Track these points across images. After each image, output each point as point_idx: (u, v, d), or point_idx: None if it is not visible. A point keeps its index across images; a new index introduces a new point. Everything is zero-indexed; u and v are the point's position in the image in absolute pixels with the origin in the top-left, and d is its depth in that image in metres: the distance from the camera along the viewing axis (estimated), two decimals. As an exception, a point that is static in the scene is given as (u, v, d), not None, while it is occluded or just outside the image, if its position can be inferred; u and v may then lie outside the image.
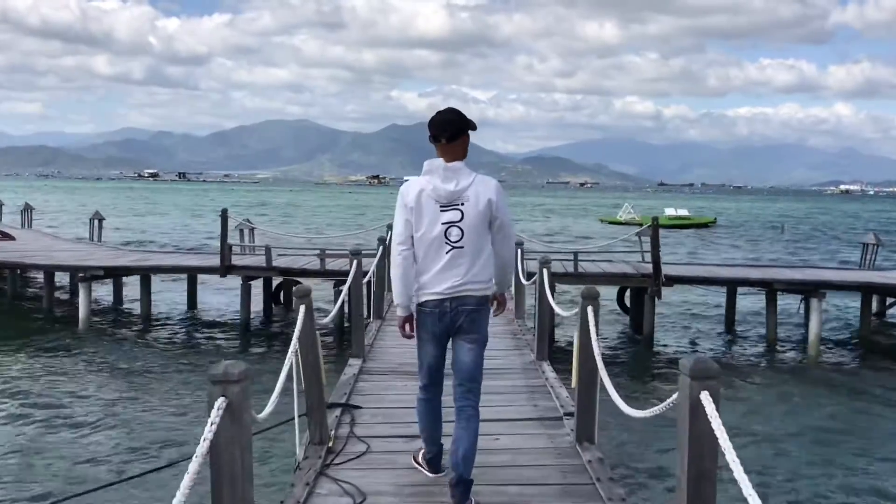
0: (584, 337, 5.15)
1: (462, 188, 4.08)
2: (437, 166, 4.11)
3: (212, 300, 19.73)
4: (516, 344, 9.04)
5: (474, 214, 4.08)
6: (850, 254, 39.11)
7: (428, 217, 4.08)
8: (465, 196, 4.07)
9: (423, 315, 4.21)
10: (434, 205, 4.08)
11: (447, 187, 4.07)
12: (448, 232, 4.07)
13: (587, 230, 53.62)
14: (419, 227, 4.10)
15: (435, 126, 4.14)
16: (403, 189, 4.19)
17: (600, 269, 15.88)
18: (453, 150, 4.12)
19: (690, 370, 2.85)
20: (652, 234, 15.09)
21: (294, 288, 5.32)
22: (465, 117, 4.20)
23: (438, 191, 4.07)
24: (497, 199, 4.13)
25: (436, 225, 4.08)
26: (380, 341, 9.05)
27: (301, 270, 15.85)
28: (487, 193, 4.11)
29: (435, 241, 4.08)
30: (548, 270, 7.84)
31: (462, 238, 4.08)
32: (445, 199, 4.07)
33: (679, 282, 15.59)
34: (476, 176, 4.15)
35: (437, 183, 4.08)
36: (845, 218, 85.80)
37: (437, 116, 4.19)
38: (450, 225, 4.07)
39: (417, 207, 4.08)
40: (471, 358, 4.24)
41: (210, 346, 14.91)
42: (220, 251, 15.70)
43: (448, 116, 4.16)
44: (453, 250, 4.09)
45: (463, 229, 4.08)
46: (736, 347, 15.99)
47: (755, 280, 15.69)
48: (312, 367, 5.39)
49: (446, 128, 4.11)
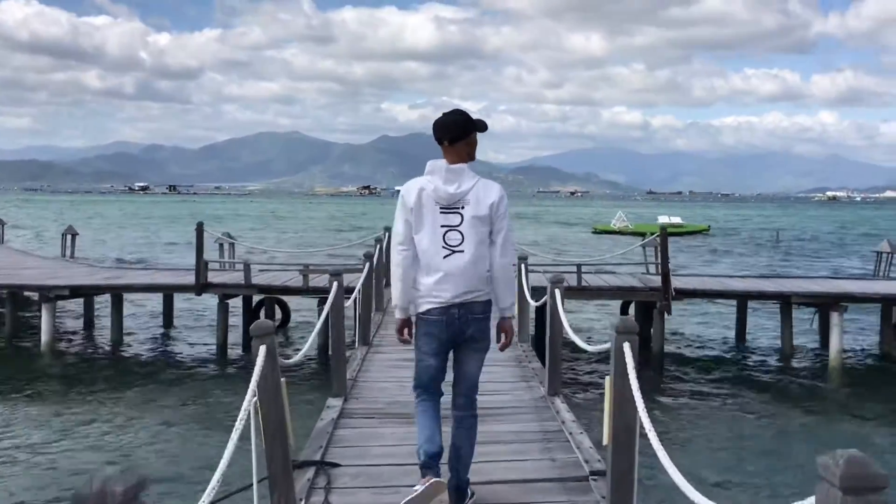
0: (622, 383, 4.03)
1: (463, 191, 3.96)
2: (439, 167, 4.00)
3: (189, 319, 18.54)
4: (523, 374, 7.88)
5: (475, 219, 3.96)
6: (849, 261, 38.20)
7: (428, 219, 3.97)
8: (466, 199, 3.96)
9: (428, 324, 4.04)
10: (434, 206, 3.97)
11: (448, 189, 3.95)
12: (447, 236, 3.96)
13: (582, 239, 52.56)
14: (419, 228, 3.99)
15: (438, 128, 4.05)
16: (405, 188, 4.07)
17: (605, 283, 14.76)
18: (457, 152, 4.02)
19: (840, 479, 1.82)
20: (661, 245, 14.00)
21: (252, 326, 4.19)
22: (469, 118, 4.07)
23: (439, 192, 3.95)
24: (499, 204, 4.01)
25: (435, 227, 3.97)
26: (366, 373, 7.88)
27: (283, 288, 14.69)
28: (490, 198, 3.99)
29: (433, 244, 3.97)
30: (561, 291, 6.71)
31: (462, 242, 3.96)
32: (446, 201, 3.95)
33: (690, 295, 14.49)
34: (479, 180, 4.03)
35: (438, 184, 3.96)
36: (838, 225, 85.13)
37: (440, 118, 4.10)
38: (449, 228, 3.96)
39: (417, 208, 3.97)
40: (476, 366, 4.19)
41: (182, 372, 13.70)
42: (196, 268, 14.51)
43: (451, 118, 4.06)
44: (452, 255, 3.96)
45: (463, 233, 3.96)
46: (750, 365, 14.85)
47: (771, 293, 14.58)
48: (275, 424, 4.24)
49: (448, 129, 4.01)
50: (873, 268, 19.40)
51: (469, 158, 4.07)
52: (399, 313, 4.15)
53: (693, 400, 12.12)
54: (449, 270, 3.95)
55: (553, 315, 6.77)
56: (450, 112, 4.12)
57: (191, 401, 11.61)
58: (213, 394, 11.98)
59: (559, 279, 6.84)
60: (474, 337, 4.08)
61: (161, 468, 8.47)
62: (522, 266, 9.44)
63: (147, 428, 10.13)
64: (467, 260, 3.96)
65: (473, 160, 4.11)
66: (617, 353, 4.05)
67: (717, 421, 10.97)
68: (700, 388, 12.86)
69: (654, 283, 14.52)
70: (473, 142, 4.09)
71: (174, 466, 8.59)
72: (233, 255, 17.88)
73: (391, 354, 8.84)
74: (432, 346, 4.08)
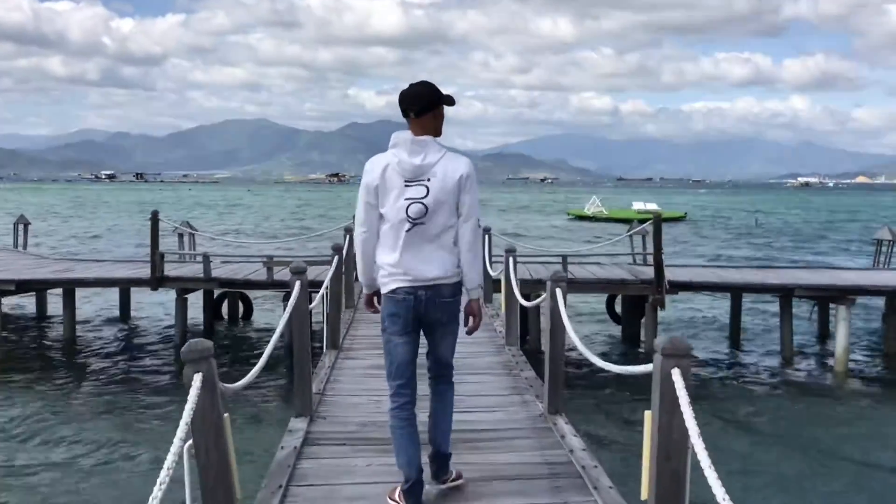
0: (669, 422, 3.08)
1: (429, 163, 3.81)
2: (403, 139, 3.84)
3: (149, 313, 17.37)
4: (515, 385, 6.90)
5: (440, 191, 3.80)
6: (830, 246, 37.84)
7: (393, 192, 3.82)
8: (432, 171, 3.81)
9: (393, 303, 3.89)
10: (399, 179, 3.82)
11: (413, 161, 3.80)
12: (410, 208, 3.79)
13: (558, 227, 51.76)
14: (384, 203, 3.85)
15: (404, 99, 3.89)
16: (369, 165, 3.92)
17: (592, 275, 13.83)
18: (423, 124, 3.86)
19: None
20: (654, 233, 13.10)
21: (183, 349, 3.17)
22: (436, 90, 3.90)
23: (404, 164, 3.81)
24: (467, 177, 3.85)
25: (399, 201, 3.81)
26: (335, 385, 6.85)
27: (245, 282, 13.59)
28: (457, 170, 3.84)
29: (398, 218, 3.82)
30: (563, 291, 5.73)
31: (425, 215, 3.80)
32: (411, 173, 3.80)
33: (684, 288, 13.61)
34: (446, 152, 3.87)
35: (402, 156, 3.81)
36: (815, 211, 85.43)
37: (406, 89, 3.93)
38: (413, 201, 3.79)
39: (382, 184, 3.83)
40: (448, 346, 4.10)
41: (136, 375, 12.56)
42: (151, 260, 13.36)
43: (417, 89, 3.90)
44: (414, 227, 3.80)
45: (427, 206, 3.79)
46: (749, 363, 14.02)
47: (773, 286, 13.71)
48: (216, 472, 3.26)
49: (415, 101, 3.85)
50: (873, 257, 18.64)
51: (435, 133, 3.89)
52: (365, 289, 4.13)
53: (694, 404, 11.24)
54: (413, 246, 3.82)
55: (554, 320, 5.78)
56: (416, 83, 3.93)
57: (139, 412, 10.48)
58: (164, 406, 10.85)
59: (560, 277, 5.85)
60: (441, 321, 3.96)
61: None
62: (510, 259, 8.44)
63: (71, 449, 8.89)
64: (431, 235, 3.81)
65: (440, 136, 3.92)
66: (664, 382, 3.10)
67: (722, 426, 10.11)
68: (699, 391, 12.00)
69: (645, 276, 13.62)
70: (440, 115, 3.92)
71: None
72: (193, 246, 16.71)
73: (364, 360, 7.82)
74: (398, 327, 3.92)
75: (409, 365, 4.00)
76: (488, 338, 8.90)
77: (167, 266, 14.12)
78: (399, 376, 3.98)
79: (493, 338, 8.94)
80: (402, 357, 3.96)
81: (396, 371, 3.98)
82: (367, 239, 3.92)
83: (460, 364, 7.48)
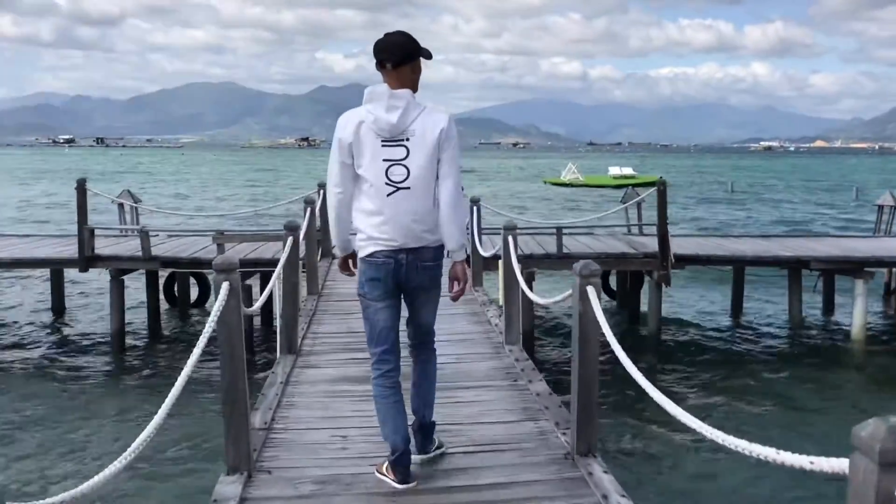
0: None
1: (408, 120, 3.54)
2: (379, 93, 3.55)
3: (88, 299, 15.51)
4: (524, 404, 5.27)
5: (421, 151, 3.56)
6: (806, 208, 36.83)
7: (368, 153, 3.56)
8: (410, 129, 3.55)
9: (373, 268, 3.66)
10: (375, 139, 3.55)
11: (390, 118, 3.52)
12: (390, 171, 3.55)
13: (536, 194, 50.16)
14: (359, 163, 3.58)
15: (380, 49, 3.60)
16: (341, 121, 3.62)
17: (589, 248, 12.23)
18: (400, 77, 3.58)
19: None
20: (658, 202, 11.53)
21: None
22: (414, 41, 3.63)
23: (380, 122, 3.53)
24: (447, 132, 3.60)
25: (376, 162, 3.56)
26: (288, 411, 5.17)
27: (191, 260, 11.78)
28: (437, 126, 3.58)
29: (376, 181, 3.56)
30: (597, 289, 4.12)
31: (407, 178, 3.56)
32: (388, 132, 3.54)
33: (690, 262, 12.06)
34: (425, 107, 3.60)
35: (379, 113, 3.53)
36: (785, 173, 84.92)
37: (382, 38, 3.64)
38: (392, 163, 3.55)
39: (357, 142, 3.56)
40: (429, 313, 3.88)
41: (59, 372, 10.79)
42: (78, 237, 11.49)
43: (395, 38, 3.62)
44: (397, 191, 3.56)
45: (408, 168, 3.56)
46: (757, 344, 12.59)
47: (787, 258, 12.21)
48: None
49: (393, 50, 3.57)
50: (874, 223, 17.32)
51: (413, 87, 3.61)
52: (339, 252, 3.94)
53: (704, 394, 9.78)
54: (394, 210, 3.57)
55: (586, 327, 4.16)
56: (393, 33, 3.64)
57: (60, 421, 8.74)
58: (93, 409, 9.12)
59: (594, 270, 4.21)
60: (423, 286, 3.75)
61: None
62: (510, 238, 6.77)
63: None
64: (414, 198, 3.57)
65: (416, 91, 3.63)
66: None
67: (736, 418, 8.65)
68: (707, 376, 10.55)
69: (646, 248, 12.08)
70: (418, 68, 3.66)
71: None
72: (136, 219, 14.80)
73: (329, 369, 6.17)
74: (378, 292, 3.70)
75: (392, 330, 3.79)
76: (483, 334, 7.30)
77: (102, 243, 12.30)
78: (381, 342, 3.78)
79: (489, 334, 7.33)
80: (384, 323, 3.75)
81: (378, 337, 3.77)
82: (342, 200, 3.68)
83: (450, 371, 5.89)
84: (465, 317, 7.95)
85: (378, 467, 3.94)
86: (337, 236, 3.81)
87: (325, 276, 10.27)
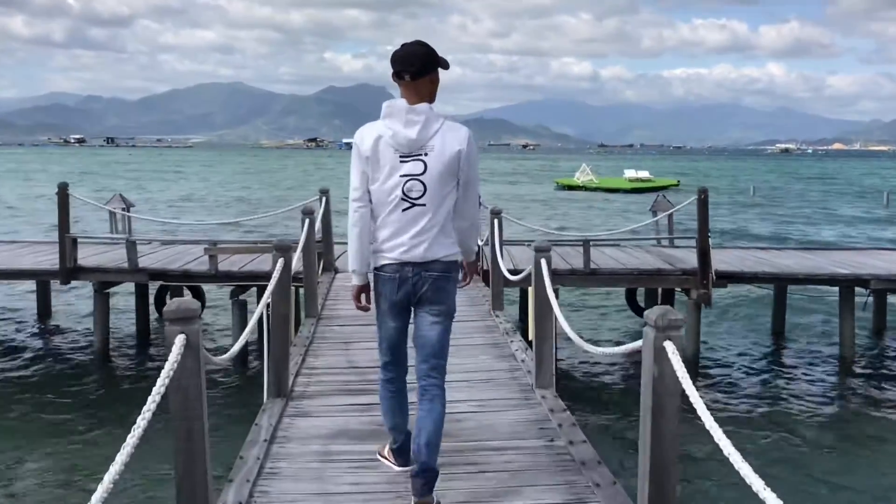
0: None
1: (427, 135, 3.45)
2: (398, 108, 3.46)
3: (75, 306, 14.51)
4: (568, 485, 4.18)
5: (439, 167, 3.47)
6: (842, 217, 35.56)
7: (386, 168, 3.48)
8: (429, 145, 3.46)
9: (381, 281, 3.62)
10: (393, 154, 3.47)
11: (409, 134, 3.43)
12: (407, 186, 3.48)
13: (550, 197, 48.99)
14: (375, 179, 3.52)
15: (398, 60, 3.50)
16: (359, 135, 3.55)
17: (619, 263, 11.13)
18: (418, 89, 3.49)
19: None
20: (699, 211, 10.41)
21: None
22: (433, 51, 3.52)
23: (398, 138, 3.44)
24: (467, 151, 3.52)
25: (393, 177, 3.48)
26: (270, 483, 4.10)
27: (182, 273, 10.73)
28: (456, 143, 3.49)
29: (393, 196, 3.49)
30: (676, 346, 3.05)
31: (424, 195, 3.48)
32: (406, 147, 3.45)
33: (734, 280, 10.92)
34: (444, 122, 3.51)
35: (397, 128, 3.45)
36: (808, 179, 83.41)
37: (400, 49, 3.54)
38: (410, 178, 3.47)
39: (374, 156, 3.49)
40: (436, 333, 3.65)
41: (39, 392, 9.76)
42: (59, 247, 10.46)
43: (414, 48, 3.51)
44: (413, 208, 3.49)
45: (425, 184, 3.47)
46: (805, 371, 11.46)
47: (843, 277, 11.02)
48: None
49: (412, 62, 3.47)
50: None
51: (430, 99, 3.52)
52: (356, 279, 3.72)
53: (753, 436, 8.65)
54: (408, 225, 3.49)
55: (662, 398, 3.07)
56: (410, 43, 3.53)
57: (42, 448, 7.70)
58: (71, 435, 8.10)
59: (674, 322, 3.11)
60: (430, 298, 3.57)
61: None
62: (543, 261, 5.66)
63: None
64: (429, 214, 3.49)
65: (433, 102, 3.53)
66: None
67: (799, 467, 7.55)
68: (753, 412, 9.44)
69: (683, 263, 10.96)
70: (437, 80, 3.55)
71: None
72: (128, 227, 13.76)
73: (325, 418, 5.08)
74: (386, 306, 3.64)
75: (399, 345, 3.75)
76: (508, 372, 6.19)
77: (88, 251, 11.30)
78: (387, 353, 3.78)
79: (514, 372, 6.20)
80: (391, 335, 3.71)
81: (386, 348, 3.77)
82: (364, 215, 3.56)
83: (473, 425, 4.84)
84: (485, 349, 6.85)
85: (380, 450, 4.15)
86: (357, 258, 3.63)
87: (326, 294, 9.18)
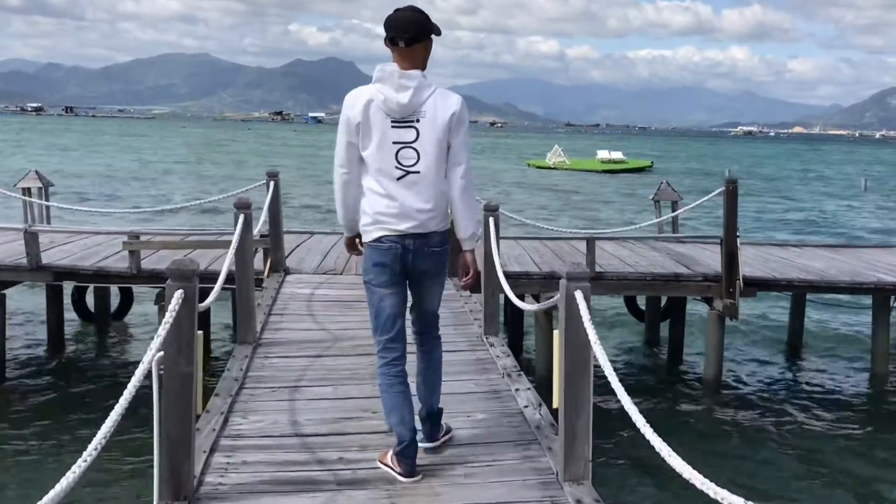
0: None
1: (418, 101, 3.43)
2: (389, 73, 3.41)
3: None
4: None
5: (431, 133, 3.44)
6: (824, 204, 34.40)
7: (377, 134, 3.43)
8: (421, 111, 3.43)
9: (378, 252, 3.51)
10: (384, 119, 3.43)
11: (400, 99, 3.39)
12: (400, 154, 3.44)
13: (523, 179, 47.15)
14: (366, 145, 3.45)
15: (392, 25, 3.43)
16: (349, 99, 3.48)
17: (627, 265, 9.33)
18: (412, 56, 3.43)
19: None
20: (726, 206, 8.65)
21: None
22: (427, 17, 3.46)
23: (390, 103, 3.41)
24: (459, 115, 3.49)
25: (385, 144, 3.43)
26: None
27: (96, 272, 8.71)
28: (449, 108, 3.47)
29: (385, 164, 3.44)
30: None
31: (417, 162, 3.45)
32: (398, 113, 3.42)
33: (765, 287, 9.17)
34: (436, 88, 3.49)
35: (388, 93, 3.40)
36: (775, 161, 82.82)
37: (394, 14, 3.48)
38: (403, 145, 3.43)
39: (365, 122, 3.42)
40: (435, 299, 3.74)
41: None
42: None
43: (409, 14, 3.44)
44: (407, 175, 3.45)
45: (418, 151, 3.44)
46: (836, 384, 9.85)
47: (888, 284, 9.38)
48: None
49: (406, 28, 3.41)
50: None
51: (423, 67, 3.47)
52: (347, 232, 3.75)
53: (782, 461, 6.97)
54: (403, 194, 3.44)
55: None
56: (404, 8, 3.48)
57: None
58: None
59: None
60: (430, 272, 3.60)
61: None
62: (579, 294, 3.82)
63: None
64: (424, 182, 3.45)
65: (425, 69, 3.48)
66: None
67: None
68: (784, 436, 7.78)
69: (699, 264, 9.22)
70: (430, 46, 3.51)
71: None
72: (45, 211, 11.65)
73: (274, 454, 3.22)
74: (384, 278, 3.56)
75: (398, 318, 3.64)
76: (515, 447, 4.28)
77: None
78: (387, 330, 3.63)
79: (523, 436, 4.22)
80: (390, 310, 3.60)
81: (384, 325, 3.63)
82: (348, 181, 3.54)
83: None
84: (479, 401, 4.77)
85: (381, 457, 3.73)
86: (344, 217, 3.65)
87: (271, 305, 7.20)
